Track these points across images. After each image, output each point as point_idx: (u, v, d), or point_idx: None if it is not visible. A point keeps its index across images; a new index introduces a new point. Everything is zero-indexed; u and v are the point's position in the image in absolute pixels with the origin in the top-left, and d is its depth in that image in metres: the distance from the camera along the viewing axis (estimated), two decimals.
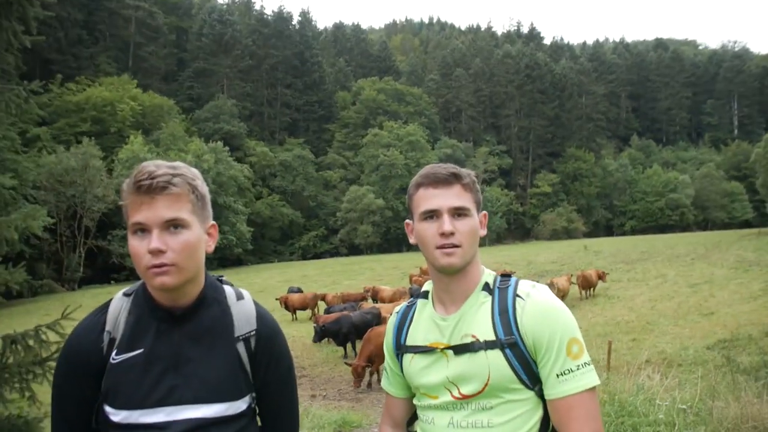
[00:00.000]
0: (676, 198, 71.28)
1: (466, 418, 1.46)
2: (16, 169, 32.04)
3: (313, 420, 6.62)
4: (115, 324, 1.40)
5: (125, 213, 1.38)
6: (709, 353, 10.20)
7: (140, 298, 1.43)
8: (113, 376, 1.36)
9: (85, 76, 52.70)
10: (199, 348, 1.42)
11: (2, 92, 3.98)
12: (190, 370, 1.39)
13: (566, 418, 1.40)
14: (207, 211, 1.45)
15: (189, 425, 1.35)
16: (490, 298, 1.50)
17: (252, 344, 1.49)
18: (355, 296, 19.60)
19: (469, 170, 1.56)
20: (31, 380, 3.72)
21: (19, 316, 19.22)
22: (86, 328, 1.43)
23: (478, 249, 1.56)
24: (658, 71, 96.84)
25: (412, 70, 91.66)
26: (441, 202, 1.48)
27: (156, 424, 1.34)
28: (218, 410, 1.39)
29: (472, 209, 1.50)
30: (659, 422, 4.45)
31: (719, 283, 19.47)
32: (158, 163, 1.38)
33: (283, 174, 63.83)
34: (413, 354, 1.56)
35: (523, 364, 1.43)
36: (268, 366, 1.53)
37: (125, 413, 1.34)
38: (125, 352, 1.37)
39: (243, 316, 1.50)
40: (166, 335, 1.40)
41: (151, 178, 1.32)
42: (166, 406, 1.35)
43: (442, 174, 1.50)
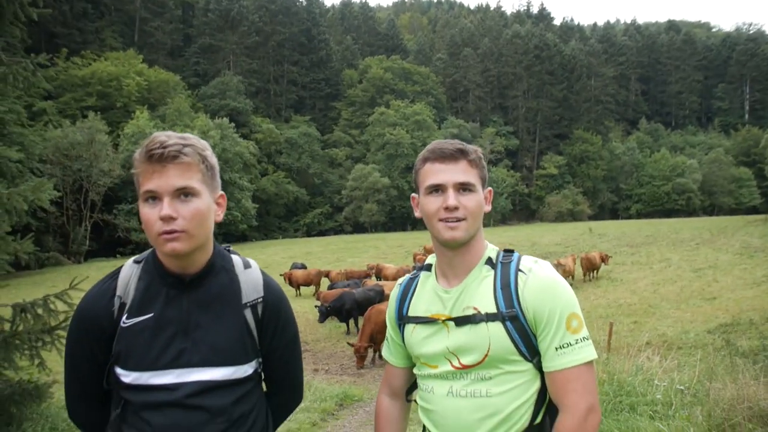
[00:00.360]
0: (683, 182, 70.81)
1: (465, 388, 1.50)
2: (22, 142, 32.05)
3: (315, 393, 6.73)
4: (126, 289, 1.44)
5: (136, 182, 1.41)
6: (709, 337, 10.24)
7: (150, 265, 1.47)
8: (124, 339, 1.41)
9: (91, 51, 52.43)
10: (207, 314, 1.46)
11: (9, 65, 3.99)
12: (198, 335, 1.44)
13: (563, 390, 1.44)
14: (216, 182, 1.49)
15: (197, 387, 1.41)
16: (493, 272, 1.53)
17: (259, 311, 1.54)
18: (358, 273, 19.72)
19: (476, 147, 1.59)
20: (40, 347, 3.80)
21: (26, 287, 19.44)
22: (97, 293, 1.47)
23: (482, 226, 1.59)
24: (669, 54, 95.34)
25: (420, 49, 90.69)
26: (447, 177, 1.50)
27: (166, 386, 1.39)
28: (225, 373, 1.44)
29: (477, 185, 1.53)
30: (656, 402, 4.51)
31: (723, 268, 19.44)
32: (169, 133, 1.41)
33: (289, 151, 63.74)
34: (415, 324, 1.59)
35: (522, 336, 1.46)
36: (275, 332, 1.58)
37: (136, 374, 1.39)
38: (136, 316, 1.42)
39: (250, 284, 1.55)
40: (176, 301, 1.44)
41: (163, 147, 1.36)
42: (176, 369, 1.40)
43: (449, 149, 1.52)
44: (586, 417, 1.41)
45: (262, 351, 1.56)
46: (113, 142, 42.27)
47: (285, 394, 1.70)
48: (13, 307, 3.80)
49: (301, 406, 6.03)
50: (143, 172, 1.38)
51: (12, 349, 3.57)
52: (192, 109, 54.62)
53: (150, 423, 1.39)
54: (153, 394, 1.39)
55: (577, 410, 1.41)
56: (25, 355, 3.74)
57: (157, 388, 1.39)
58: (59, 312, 3.97)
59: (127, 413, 1.41)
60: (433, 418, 1.56)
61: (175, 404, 1.39)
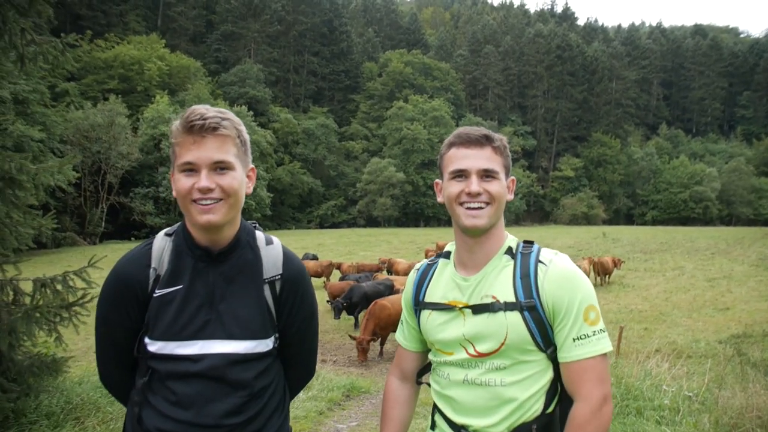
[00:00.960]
0: (701, 191, 69.86)
1: (480, 376, 1.52)
2: (44, 122, 32.49)
3: (323, 383, 6.78)
4: (160, 261, 1.49)
5: (173, 153, 1.46)
6: (720, 347, 10.14)
7: (180, 238, 1.52)
8: (155, 309, 1.46)
9: (114, 34, 52.91)
10: (231, 287, 1.51)
11: (40, 44, 4.06)
12: (223, 308, 1.49)
13: (579, 380, 1.46)
14: (248, 156, 1.56)
15: (220, 360, 1.46)
16: (513, 262, 1.55)
17: (277, 287, 1.58)
18: (370, 267, 19.75)
19: (501, 135, 1.59)
20: (58, 323, 3.89)
21: (43, 266, 19.73)
22: (133, 262, 1.50)
23: (502, 216, 1.60)
24: (694, 59, 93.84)
25: (441, 45, 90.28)
26: (471, 162, 1.52)
27: (190, 356, 1.44)
28: (247, 347, 1.50)
29: (500, 172, 1.54)
30: (664, 407, 4.50)
31: (738, 279, 19.22)
32: (207, 106, 1.46)
33: (306, 142, 63.90)
34: (431, 310, 1.62)
35: (539, 327, 1.48)
36: (292, 309, 1.62)
37: (161, 344, 1.45)
38: (167, 287, 1.47)
39: (271, 260, 1.59)
40: (203, 273, 1.49)
41: (203, 119, 1.41)
42: (200, 340, 1.46)
43: (475, 135, 1.54)
44: (601, 407, 1.44)
45: (279, 326, 1.61)
46: (132, 126, 42.66)
47: (299, 369, 1.74)
48: (34, 282, 3.89)
49: (308, 395, 6.10)
50: (182, 143, 1.43)
51: (32, 323, 3.67)
52: (211, 96, 54.93)
53: (175, 392, 1.44)
54: (178, 364, 1.44)
55: (592, 400, 1.44)
56: (43, 330, 3.83)
57: (181, 359, 1.44)
58: (77, 289, 4.05)
59: (153, 381, 1.47)
60: (449, 402, 1.59)
61: (199, 375, 1.44)
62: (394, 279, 14.54)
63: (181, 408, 1.44)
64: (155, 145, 44.15)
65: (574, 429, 1.44)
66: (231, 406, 1.47)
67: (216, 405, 1.45)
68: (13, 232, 3.69)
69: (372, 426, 5.23)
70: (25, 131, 28.29)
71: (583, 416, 1.44)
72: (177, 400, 1.44)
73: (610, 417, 1.46)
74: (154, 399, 1.46)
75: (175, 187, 1.45)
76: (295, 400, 5.83)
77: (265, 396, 1.56)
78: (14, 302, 3.87)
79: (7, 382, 3.74)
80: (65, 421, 4.13)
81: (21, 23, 3.81)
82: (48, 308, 3.74)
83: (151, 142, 44.11)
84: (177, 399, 1.44)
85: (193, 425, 1.44)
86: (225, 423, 1.46)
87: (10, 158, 3.40)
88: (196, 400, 1.44)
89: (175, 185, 1.44)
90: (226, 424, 1.47)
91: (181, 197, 1.43)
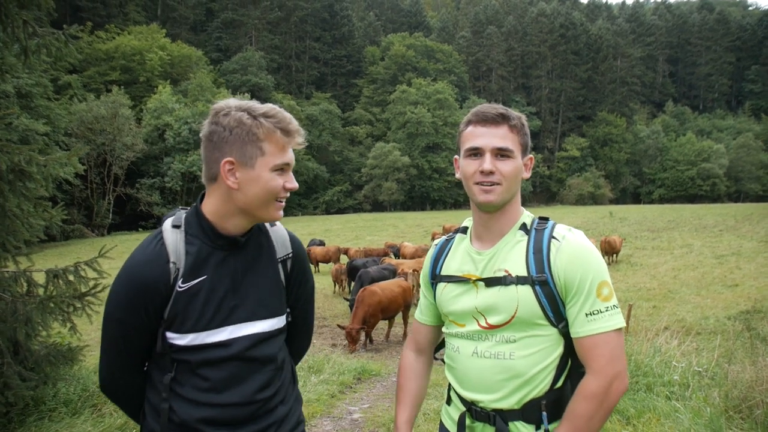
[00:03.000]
0: (709, 168, 69.28)
1: (490, 349, 1.55)
2: (48, 116, 32.57)
3: (333, 367, 6.85)
4: (177, 255, 1.48)
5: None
6: (729, 323, 10.14)
7: (197, 230, 1.52)
8: (180, 303, 1.47)
9: (115, 25, 52.75)
10: (251, 271, 1.57)
11: (43, 36, 4.06)
12: (245, 291, 1.54)
13: (591, 355, 1.47)
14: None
15: (250, 341, 1.52)
16: (527, 237, 1.58)
17: (288, 266, 1.67)
18: (377, 251, 19.81)
19: (519, 113, 1.61)
20: (71, 313, 3.94)
21: (53, 258, 19.92)
22: (150, 259, 1.47)
23: (519, 193, 1.63)
24: (701, 34, 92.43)
25: (443, 27, 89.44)
26: (486, 141, 1.54)
27: (222, 342, 1.49)
28: (271, 324, 1.58)
29: (515, 151, 1.55)
30: (673, 383, 4.52)
31: (747, 255, 19.13)
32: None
33: (310, 128, 63.73)
34: (446, 283, 1.66)
35: (550, 301, 1.50)
36: (299, 285, 1.71)
37: (192, 336, 1.47)
38: (191, 280, 1.48)
39: (280, 241, 1.67)
40: (226, 261, 1.52)
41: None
42: (229, 325, 1.50)
43: (491, 113, 1.56)
44: (612, 382, 1.45)
45: (288, 302, 1.68)
46: (136, 117, 42.70)
47: (302, 340, 1.84)
48: (47, 273, 3.94)
49: (320, 379, 6.17)
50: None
51: (47, 313, 3.73)
52: (214, 84, 54.82)
53: (209, 378, 1.48)
54: (210, 351, 1.48)
55: (604, 375, 1.45)
56: (58, 320, 3.89)
57: (213, 346, 1.48)
58: (89, 279, 4.10)
59: (180, 374, 1.50)
60: (458, 376, 1.63)
61: (232, 358, 1.50)
62: (401, 263, 14.59)
63: (215, 392, 1.49)
64: (159, 135, 44.20)
65: (579, 399, 1.46)
66: (262, 382, 1.54)
67: (249, 383, 1.52)
68: (25, 224, 3.74)
69: (384, 407, 5.29)
70: (30, 125, 28.39)
71: (591, 390, 1.45)
72: (211, 386, 1.48)
73: (619, 395, 1.47)
74: (183, 390, 1.49)
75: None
76: (306, 384, 5.91)
77: (285, 368, 1.65)
78: (28, 293, 3.93)
79: (26, 371, 3.81)
80: (83, 408, 4.22)
81: (23, 15, 3.81)
82: (61, 298, 3.79)
83: (155, 133, 44.15)
84: (211, 384, 1.48)
85: (229, 406, 1.50)
86: (258, 398, 1.53)
87: (19, 150, 3.43)
88: (230, 381, 1.50)
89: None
90: (259, 399, 1.54)
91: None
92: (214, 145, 1.46)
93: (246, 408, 1.52)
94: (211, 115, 1.49)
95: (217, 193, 1.50)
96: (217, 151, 1.45)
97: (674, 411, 3.96)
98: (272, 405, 1.58)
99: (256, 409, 1.54)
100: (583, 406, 1.45)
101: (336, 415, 5.13)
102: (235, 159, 1.44)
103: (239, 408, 1.51)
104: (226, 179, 1.45)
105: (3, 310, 3.63)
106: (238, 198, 1.47)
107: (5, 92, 26.00)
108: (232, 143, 1.44)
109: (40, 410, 4.07)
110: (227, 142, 1.45)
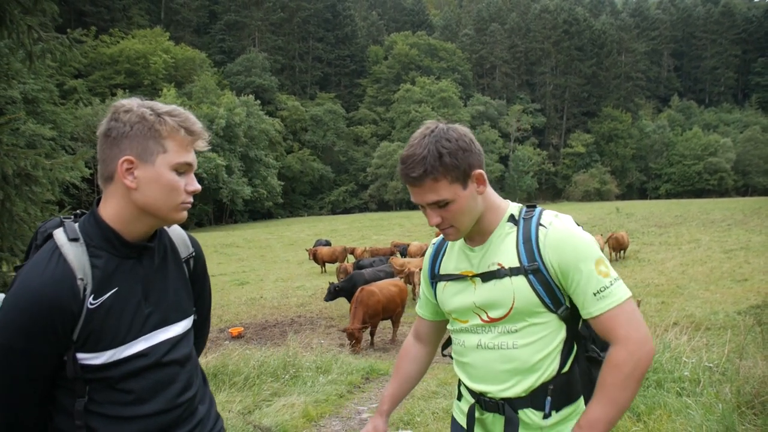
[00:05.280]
0: (716, 162, 68.80)
1: (493, 340, 1.58)
2: (54, 120, 32.80)
3: (342, 367, 6.85)
4: (83, 271, 1.36)
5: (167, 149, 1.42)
6: (739, 318, 10.07)
7: (100, 241, 1.41)
8: (94, 321, 1.36)
9: (118, 29, 53.02)
10: (160, 275, 1.51)
11: (47, 41, 4.08)
12: (157, 297, 1.48)
13: (612, 328, 1.47)
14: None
15: (166, 346, 1.47)
16: (515, 228, 1.58)
17: (191, 265, 1.64)
18: (383, 251, 19.82)
19: (444, 144, 1.48)
20: None
21: None
22: (55, 279, 1.32)
23: (492, 195, 1.62)
24: (706, 27, 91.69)
25: (446, 25, 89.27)
26: (419, 198, 1.53)
27: (140, 353, 1.42)
28: (183, 327, 1.55)
29: (451, 194, 1.50)
30: (684, 379, 4.48)
31: (756, 249, 19.01)
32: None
33: (314, 128, 63.93)
34: (446, 282, 1.70)
35: (546, 288, 1.52)
36: (203, 283, 1.71)
37: (110, 353, 1.38)
38: (101, 295, 1.37)
39: (180, 241, 1.63)
40: (134, 269, 1.44)
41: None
42: (145, 334, 1.44)
43: (410, 175, 1.50)
44: (640, 347, 1.44)
45: (192, 300, 1.65)
46: None
47: (203, 337, 1.84)
48: None
49: (328, 379, 6.17)
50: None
51: None
52: (218, 86, 55.01)
53: (132, 390, 1.41)
54: (130, 363, 1.41)
55: (629, 341, 1.45)
56: None
57: (131, 359, 1.41)
58: None
59: (98, 393, 1.40)
60: (466, 369, 1.66)
61: (153, 366, 1.44)
62: (408, 261, 14.59)
63: (139, 404, 1.42)
64: None
65: (610, 369, 1.46)
66: (183, 384, 1.51)
67: (171, 387, 1.48)
68: (32, 228, 3.75)
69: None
70: (36, 130, 28.59)
71: (619, 358, 1.45)
72: (135, 398, 1.41)
73: (649, 358, 1.46)
74: (103, 409, 1.39)
75: (166, 183, 1.43)
76: (314, 384, 5.91)
77: (197, 366, 1.64)
78: None
79: None
80: None
81: (27, 21, 3.83)
82: None
83: None
84: (135, 396, 1.41)
85: (154, 415, 1.44)
86: (181, 401, 1.49)
87: (24, 155, 3.44)
88: (154, 389, 1.44)
89: (168, 182, 1.44)
90: (182, 401, 1.50)
91: (171, 196, 1.43)
92: (112, 141, 1.38)
93: (171, 413, 1.47)
94: (110, 112, 1.41)
95: (116, 196, 1.40)
96: (116, 148, 1.37)
97: (685, 407, 3.92)
98: (194, 406, 1.55)
99: (181, 412, 1.49)
100: (614, 374, 1.45)
101: (345, 415, 5.12)
102: (134, 156, 1.36)
103: (165, 415, 1.45)
104: (123, 178, 1.37)
105: None
106: (137, 198, 1.38)
107: (12, 98, 26.19)
108: (132, 138, 1.36)
109: None
110: (127, 137, 1.36)
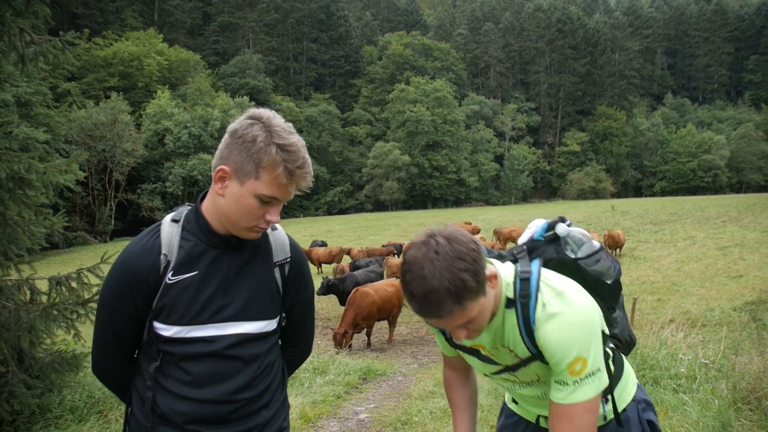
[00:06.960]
0: (710, 159, 69.10)
1: (527, 387, 1.68)
2: (48, 123, 32.62)
3: (339, 367, 6.84)
4: (170, 247, 1.52)
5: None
6: (734, 314, 10.11)
7: (194, 226, 1.56)
8: (168, 295, 1.49)
9: (112, 31, 52.80)
10: (244, 272, 1.58)
11: (39, 44, 4.05)
12: (236, 291, 1.55)
13: (553, 420, 1.51)
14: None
15: (235, 339, 1.54)
16: (514, 312, 1.53)
17: (286, 270, 1.68)
18: (380, 251, 19.81)
19: (459, 266, 1.32)
20: (75, 320, 3.94)
21: (56, 265, 19.96)
22: (142, 250, 1.52)
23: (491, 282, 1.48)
24: (699, 25, 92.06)
25: (440, 24, 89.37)
26: (444, 326, 1.47)
27: (206, 338, 1.51)
28: (258, 327, 1.59)
29: (477, 309, 1.41)
30: (680, 376, 4.50)
31: (750, 246, 19.08)
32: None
33: (309, 129, 63.77)
34: (462, 352, 1.73)
35: None
36: (297, 290, 1.72)
37: (177, 328, 1.50)
38: (181, 274, 1.50)
39: (279, 245, 1.68)
40: (219, 260, 1.55)
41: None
42: (215, 323, 1.52)
43: (435, 314, 1.37)
44: None
45: (284, 307, 1.69)
46: (136, 122, 42.74)
47: (299, 347, 1.85)
48: (50, 280, 3.94)
49: (325, 380, 6.16)
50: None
51: (50, 320, 3.72)
52: (212, 88, 54.86)
53: (189, 372, 1.50)
54: (193, 345, 1.50)
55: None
56: (61, 327, 3.89)
57: (197, 340, 1.50)
58: (92, 285, 4.09)
59: (165, 365, 1.52)
60: (516, 396, 1.77)
61: (214, 354, 1.51)
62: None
63: (195, 387, 1.50)
64: (159, 140, 44.23)
65: None
66: (243, 382, 1.55)
67: (229, 381, 1.53)
68: (26, 232, 3.73)
69: (390, 407, 5.27)
70: (30, 133, 28.44)
71: None
72: (191, 380, 1.50)
73: None
74: (166, 381, 1.52)
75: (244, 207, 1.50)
76: (312, 385, 5.91)
77: (273, 371, 1.66)
78: (32, 301, 3.93)
79: (31, 378, 3.81)
80: (89, 415, 4.21)
81: (19, 24, 3.80)
82: (64, 306, 3.79)
83: (155, 138, 44.19)
84: (191, 378, 1.50)
85: (208, 402, 1.51)
86: (237, 398, 1.54)
87: (18, 158, 3.43)
88: (211, 377, 1.51)
89: (246, 205, 1.50)
90: (239, 398, 1.55)
91: (247, 216, 1.50)
92: (229, 143, 1.48)
93: (225, 406, 1.53)
94: (246, 115, 1.50)
95: (211, 191, 1.54)
96: (226, 151, 1.48)
97: (682, 404, 3.94)
98: (255, 408, 1.59)
99: (236, 408, 1.55)
100: None
101: (342, 415, 5.12)
102: (231, 169, 1.46)
103: (218, 406, 1.52)
104: (214, 182, 1.50)
105: (6, 318, 3.63)
106: (220, 204, 1.50)
107: (4, 101, 26.05)
108: (239, 153, 1.45)
109: (46, 418, 4.06)
110: (237, 148, 1.46)
